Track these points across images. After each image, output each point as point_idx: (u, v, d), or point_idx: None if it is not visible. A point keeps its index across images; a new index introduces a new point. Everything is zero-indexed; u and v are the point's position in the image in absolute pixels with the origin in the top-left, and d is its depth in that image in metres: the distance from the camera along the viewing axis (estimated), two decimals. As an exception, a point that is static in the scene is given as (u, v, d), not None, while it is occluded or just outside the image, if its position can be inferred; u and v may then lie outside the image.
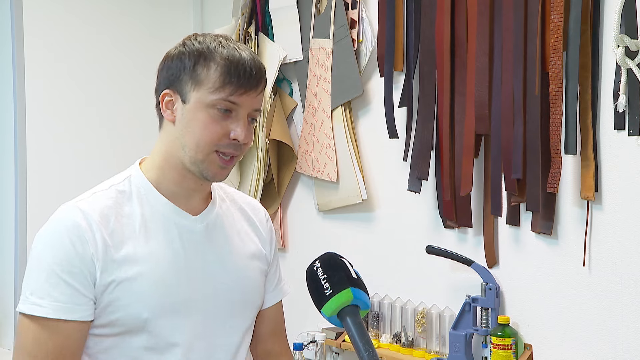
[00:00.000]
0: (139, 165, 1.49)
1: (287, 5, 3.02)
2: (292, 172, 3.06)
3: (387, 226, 2.71)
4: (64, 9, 3.20)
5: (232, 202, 1.57)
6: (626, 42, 1.92)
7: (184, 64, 1.39)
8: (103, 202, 1.40)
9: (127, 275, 1.36)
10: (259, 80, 1.39)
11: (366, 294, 1.25)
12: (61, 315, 1.33)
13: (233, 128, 1.38)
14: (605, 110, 2.04)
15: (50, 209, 1.44)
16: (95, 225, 1.36)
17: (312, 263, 1.28)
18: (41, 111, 3.11)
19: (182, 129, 1.40)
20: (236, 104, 1.38)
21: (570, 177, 2.12)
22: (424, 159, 2.45)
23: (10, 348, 3.04)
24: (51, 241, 1.36)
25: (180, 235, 1.43)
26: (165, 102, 1.42)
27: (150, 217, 1.42)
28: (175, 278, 1.40)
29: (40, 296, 1.33)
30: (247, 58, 1.39)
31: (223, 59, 1.37)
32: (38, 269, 1.36)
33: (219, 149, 1.39)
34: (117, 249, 1.37)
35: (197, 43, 1.40)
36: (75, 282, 1.34)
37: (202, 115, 1.38)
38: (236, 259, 1.50)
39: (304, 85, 2.98)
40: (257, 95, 1.40)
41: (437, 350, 2.43)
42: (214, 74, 1.37)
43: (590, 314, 2.09)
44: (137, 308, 1.36)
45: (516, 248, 2.28)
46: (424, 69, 2.47)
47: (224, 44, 1.40)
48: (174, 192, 1.45)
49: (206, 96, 1.37)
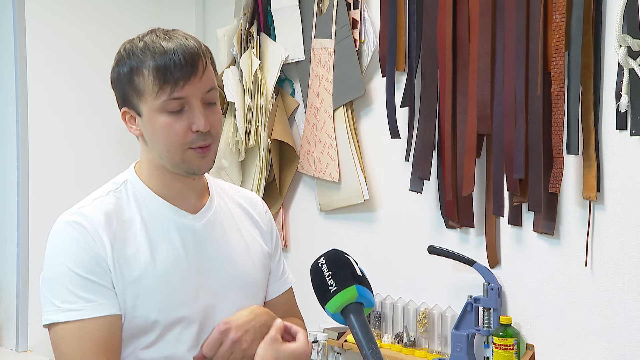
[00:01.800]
0: (134, 169, 1.49)
1: (289, 5, 3.02)
2: (294, 172, 3.06)
3: (389, 226, 2.71)
4: (66, 10, 3.20)
5: (229, 197, 1.57)
6: (628, 42, 1.92)
7: (122, 81, 1.39)
8: (104, 207, 1.41)
9: (132, 278, 1.37)
10: (193, 65, 1.34)
11: (371, 291, 1.25)
12: (97, 312, 1.33)
13: (192, 121, 1.36)
14: (607, 110, 2.04)
15: (53, 210, 1.44)
16: (100, 228, 1.37)
17: (317, 259, 1.28)
18: (43, 112, 3.11)
19: (150, 140, 1.41)
20: (183, 98, 1.35)
21: (572, 177, 2.12)
22: (426, 159, 2.45)
23: (12, 348, 3.04)
24: (65, 247, 1.37)
25: (180, 234, 1.43)
26: (128, 120, 1.43)
27: (150, 219, 1.42)
28: (178, 277, 1.41)
29: (72, 301, 1.33)
30: (175, 47, 1.33)
31: (151, 61, 1.34)
32: (59, 277, 1.35)
33: (190, 145, 1.37)
34: (123, 253, 1.38)
35: (126, 54, 1.38)
36: (100, 279, 1.35)
37: (158, 122, 1.37)
38: (236, 255, 1.50)
39: (305, 85, 2.98)
40: (201, 78, 1.35)
41: (439, 350, 2.42)
42: (149, 80, 1.34)
43: (593, 314, 2.09)
44: (146, 310, 1.37)
45: (518, 248, 2.28)
46: (425, 69, 2.47)
47: (150, 42, 1.36)
48: (168, 193, 1.45)
49: (152, 103, 1.36)
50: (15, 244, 3.03)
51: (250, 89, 3.04)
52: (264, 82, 3.05)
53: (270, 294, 1.60)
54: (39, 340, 3.04)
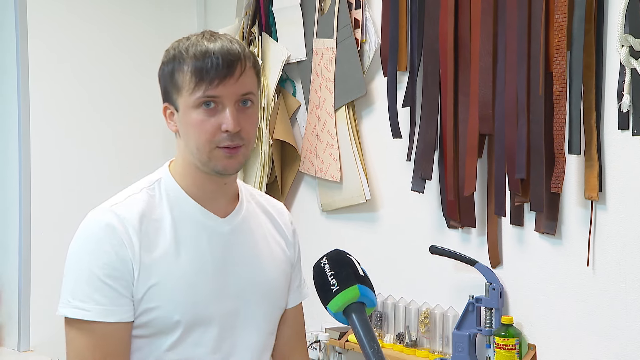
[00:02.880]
0: (168, 167, 1.50)
1: (290, 5, 3.02)
2: (295, 172, 3.06)
3: (390, 226, 2.71)
4: (68, 10, 3.20)
5: (258, 204, 1.58)
6: (630, 41, 1.91)
7: (165, 75, 1.42)
8: (137, 205, 1.42)
9: (158, 278, 1.38)
10: (230, 66, 1.37)
11: (373, 291, 1.25)
12: (105, 318, 1.35)
13: (221, 120, 1.38)
14: (609, 110, 2.04)
15: (54, 209, 1.44)
16: (131, 229, 1.38)
17: (320, 259, 1.29)
18: (45, 111, 3.11)
19: (184, 136, 1.43)
20: (216, 97, 1.37)
21: (574, 177, 2.12)
22: (428, 159, 2.45)
23: (14, 348, 3.05)
24: (89, 245, 1.38)
25: (208, 237, 1.45)
26: (168, 115, 1.45)
27: (180, 220, 1.44)
28: (202, 279, 1.42)
29: (83, 300, 1.36)
30: (215, 47, 1.37)
31: (191, 58, 1.37)
32: (77, 273, 1.38)
33: (218, 144, 1.39)
34: (150, 252, 1.39)
35: (172, 50, 1.42)
36: (117, 285, 1.36)
37: (191, 118, 1.39)
38: (262, 261, 1.51)
39: (307, 85, 2.98)
40: (237, 80, 1.38)
41: (441, 350, 2.42)
42: (187, 76, 1.38)
43: (594, 314, 2.08)
44: (168, 310, 1.39)
45: (520, 248, 2.28)
46: (427, 69, 2.47)
47: (195, 41, 1.40)
48: (200, 195, 1.46)
49: (187, 99, 1.38)
50: (17, 244, 3.04)
51: (252, 88, 3.04)
52: (265, 82, 3.05)
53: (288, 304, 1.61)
54: (41, 340, 3.04)
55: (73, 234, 1.43)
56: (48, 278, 3.07)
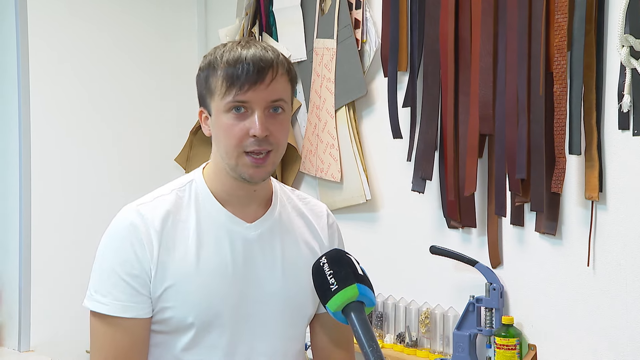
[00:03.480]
0: (202, 171, 1.52)
1: (291, 5, 3.02)
2: (296, 172, 3.06)
3: (391, 226, 2.71)
4: (68, 10, 3.20)
5: (294, 208, 1.58)
6: (631, 41, 1.91)
7: (201, 80, 1.46)
8: (163, 206, 1.45)
9: (175, 279, 1.41)
10: (261, 72, 1.39)
11: (372, 290, 1.25)
12: (121, 312, 1.40)
13: (250, 125, 1.40)
14: (609, 110, 2.04)
15: (55, 209, 1.45)
16: (152, 230, 1.41)
17: (319, 259, 1.29)
18: (45, 111, 3.11)
19: (215, 140, 1.46)
20: (246, 102, 1.39)
21: (574, 178, 2.12)
22: (428, 159, 2.45)
23: (15, 348, 3.05)
24: (113, 243, 1.43)
25: (231, 242, 1.46)
26: (203, 120, 1.48)
27: (204, 223, 1.45)
28: (220, 283, 1.43)
29: (103, 294, 1.41)
30: (249, 54, 1.40)
31: (224, 63, 1.40)
32: (101, 268, 1.43)
33: (246, 149, 1.40)
34: (171, 253, 1.42)
35: (209, 56, 1.45)
36: (135, 283, 1.40)
37: (222, 121, 1.41)
38: (288, 267, 1.50)
39: (307, 85, 2.98)
40: (268, 87, 1.40)
41: (441, 350, 2.42)
42: (219, 81, 1.40)
43: (595, 315, 2.08)
44: (183, 312, 1.41)
45: (520, 248, 2.28)
46: (427, 69, 2.47)
47: (231, 47, 1.43)
48: (228, 199, 1.48)
49: (219, 103, 1.41)
50: (18, 244, 3.04)
51: (252, 88, 3.04)
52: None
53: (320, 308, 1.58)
54: (41, 340, 3.04)
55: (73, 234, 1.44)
56: (48, 278, 3.07)
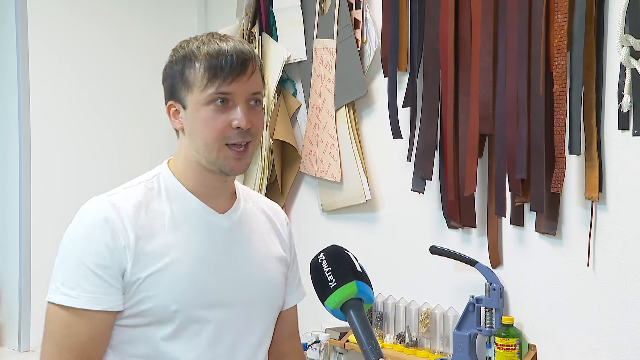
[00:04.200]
0: (167, 164, 1.52)
1: (291, 5, 3.02)
2: (295, 172, 3.06)
3: (391, 226, 2.71)
4: (68, 10, 3.20)
5: (255, 203, 1.60)
6: (631, 41, 1.91)
7: (174, 72, 1.44)
8: (134, 196, 1.44)
9: (157, 267, 1.40)
10: (243, 64, 1.40)
11: (370, 287, 1.25)
12: (90, 305, 1.37)
13: (233, 117, 1.40)
14: (609, 110, 2.04)
15: (55, 209, 1.45)
16: (126, 218, 1.40)
17: (317, 255, 1.28)
18: (45, 111, 3.11)
19: (190, 133, 1.44)
20: (229, 94, 1.40)
21: (574, 178, 2.12)
22: (428, 159, 2.45)
23: (15, 348, 3.05)
24: (82, 233, 1.41)
25: (208, 231, 1.46)
26: (172, 113, 1.47)
27: (179, 213, 1.45)
28: (203, 271, 1.43)
29: (71, 287, 1.38)
30: (228, 47, 1.41)
31: (204, 56, 1.40)
32: (68, 260, 1.40)
33: (228, 141, 1.41)
34: (148, 242, 1.40)
35: (181, 49, 1.45)
36: (105, 274, 1.38)
37: (202, 114, 1.41)
38: (260, 259, 1.52)
39: (307, 85, 2.98)
40: (249, 79, 1.41)
41: (441, 350, 2.42)
42: (199, 73, 1.40)
43: (595, 315, 2.08)
44: (166, 299, 1.39)
45: (520, 248, 2.28)
46: (427, 69, 2.47)
47: (206, 41, 1.43)
48: (200, 191, 1.48)
49: (199, 96, 1.41)
50: (18, 244, 3.04)
51: (252, 89, 3.04)
52: (265, 82, 3.05)
53: (284, 304, 1.62)
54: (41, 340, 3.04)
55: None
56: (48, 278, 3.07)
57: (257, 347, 1.51)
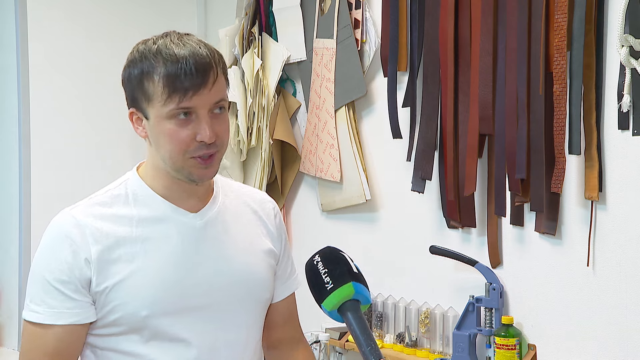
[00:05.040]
0: (136, 170, 1.50)
1: (290, 5, 3.02)
2: (295, 172, 3.06)
3: (390, 226, 2.71)
4: (68, 11, 3.20)
5: (237, 196, 1.57)
6: (630, 41, 1.91)
7: (132, 82, 1.40)
8: (98, 207, 1.43)
9: (123, 275, 1.38)
10: (204, 75, 1.34)
11: (367, 288, 1.24)
12: (54, 320, 1.38)
13: (197, 130, 1.36)
14: (609, 110, 2.04)
15: (54, 211, 1.45)
16: (88, 230, 1.39)
17: (312, 257, 1.28)
18: (45, 114, 3.11)
19: (154, 144, 1.41)
20: (191, 107, 1.35)
21: (574, 177, 2.12)
22: (428, 159, 2.45)
23: (15, 348, 3.05)
24: (44, 250, 1.42)
25: (179, 232, 1.44)
26: (135, 120, 1.43)
27: (147, 216, 1.43)
28: (173, 274, 1.41)
29: (37, 303, 1.39)
30: (187, 54, 1.34)
31: (162, 67, 1.34)
32: (34, 276, 1.42)
33: (192, 154, 1.38)
34: (113, 250, 1.39)
35: (138, 56, 1.39)
36: (66, 290, 1.38)
37: (164, 128, 1.37)
38: (239, 255, 1.50)
39: (307, 85, 2.98)
40: (211, 90, 1.36)
41: (441, 350, 2.42)
42: (159, 87, 1.35)
43: (595, 315, 2.08)
44: (135, 306, 1.38)
45: (520, 248, 2.28)
46: (427, 69, 2.47)
47: (162, 48, 1.36)
48: (170, 194, 1.46)
49: (160, 110, 1.36)
50: (17, 244, 3.04)
51: (252, 89, 3.04)
52: (265, 82, 3.05)
53: (276, 297, 1.60)
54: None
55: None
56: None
57: (244, 345, 1.49)
